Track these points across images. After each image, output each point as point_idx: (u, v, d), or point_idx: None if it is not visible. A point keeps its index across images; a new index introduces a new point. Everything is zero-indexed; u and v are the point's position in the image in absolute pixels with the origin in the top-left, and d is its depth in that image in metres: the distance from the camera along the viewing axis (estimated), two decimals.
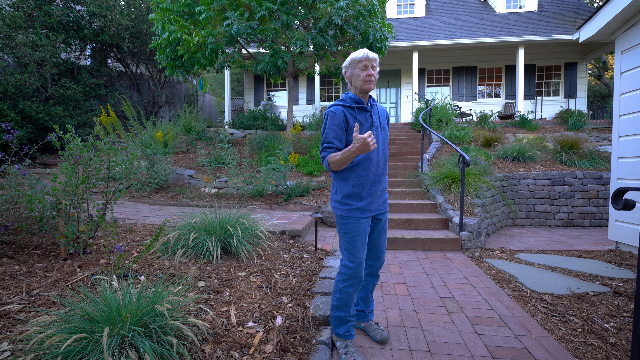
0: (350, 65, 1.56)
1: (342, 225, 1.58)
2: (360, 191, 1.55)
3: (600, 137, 7.64)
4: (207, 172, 6.24)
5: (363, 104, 1.56)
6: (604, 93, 17.30)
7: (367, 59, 1.51)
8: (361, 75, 1.53)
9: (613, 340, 1.75)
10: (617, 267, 2.91)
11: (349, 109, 1.55)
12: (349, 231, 1.56)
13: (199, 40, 5.64)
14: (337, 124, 1.52)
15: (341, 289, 1.59)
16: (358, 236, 1.56)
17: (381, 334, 1.73)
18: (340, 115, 1.52)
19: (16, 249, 2.38)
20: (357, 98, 1.56)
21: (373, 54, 1.54)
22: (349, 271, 1.57)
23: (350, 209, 1.56)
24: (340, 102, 1.57)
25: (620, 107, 3.38)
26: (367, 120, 1.57)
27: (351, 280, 1.57)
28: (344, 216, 1.57)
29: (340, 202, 1.58)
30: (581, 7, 11.19)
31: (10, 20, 6.69)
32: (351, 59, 1.55)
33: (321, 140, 1.58)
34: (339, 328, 1.62)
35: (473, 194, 4.34)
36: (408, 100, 10.83)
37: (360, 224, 1.56)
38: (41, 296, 1.69)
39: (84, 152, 2.33)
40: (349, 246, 1.57)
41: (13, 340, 1.29)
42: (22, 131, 6.59)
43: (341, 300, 1.59)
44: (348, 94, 1.60)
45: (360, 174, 1.55)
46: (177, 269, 2.19)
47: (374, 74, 1.54)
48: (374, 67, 1.54)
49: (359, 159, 1.54)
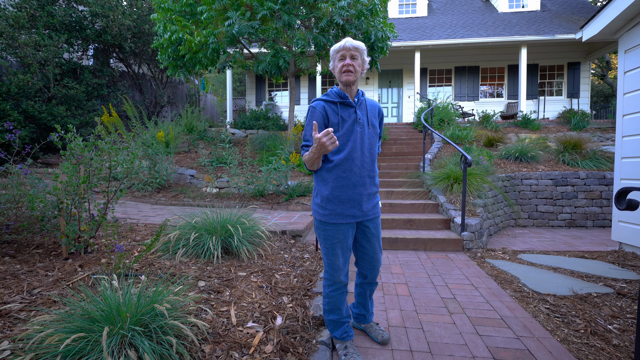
0: (332, 57, 1.46)
1: (322, 230, 1.48)
2: (340, 194, 1.43)
3: (603, 137, 7.59)
4: (209, 172, 6.25)
5: (347, 98, 1.45)
6: (608, 93, 17.19)
7: (344, 48, 1.39)
8: (338, 66, 1.42)
9: (616, 341, 1.73)
10: (620, 268, 2.88)
11: (331, 104, 1.45)
12: (329, 237, 1.46)
13: (201, 40, 5.65)
14: (316, 119, 1.42)
15: (327, 293, 1.55)
16: (338, 243, 1.46)
17: (382, 334, 1.69)
18: (320, 110, 1.43)
19: (18, 248, 2.39)
20: (341, 92, 1.46)
21: (352, 42, 1.40)
22: (330, 277, 1.52)
23: (330, 214, 1.44)
24: (323, 97, 1.47)
25: (624, 106, 3.36)
26: (351, 117, 1.44)
27: (334, 286, 1.53)
28: (322, 221, 1.47)
29: (320, 206, 1.47)
30: (584, 6, 11.13)
31: (14, 20, 6.73)
32: (332, 50, 1.45)
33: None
34: (335, 331, 1.59)
35: (475, 194, 4.32)
36: (410, 100, 10.81)
37: (340, 231, 1.45)
38: (42, 295, 1.70)
39: (85, 151, 2.34)
40: (328, 252, 1.48)
41: (13, 339, 1.30)
42: (25, 131, 6.63)
43: (330, 305, 1.56)
44: (334, 88, 1.50)
45: (340, 175, 1.42)
46: (177, 268, 2.19)
47: (353, 65, 1.39)
48: (354, 56, 1.40)
49: (339, 159, 1.41)
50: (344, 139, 1.43)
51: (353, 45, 1.40)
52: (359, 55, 1.42)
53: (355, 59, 1.41)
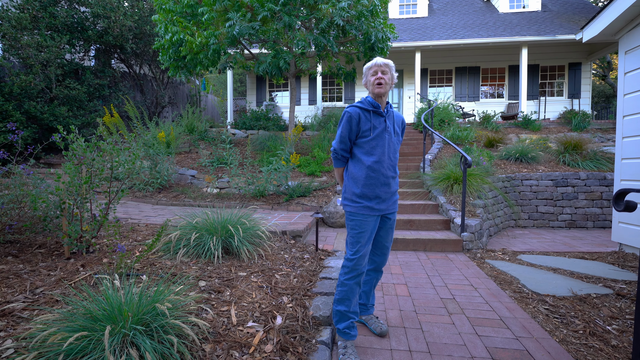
0: (365, 74, 1.70)
1: (350, 221, 1.68)
2: (369, 192, 1.65)
3: (604, 137, 7.58)
4: (209, 172, 6.27)
5: (379, 108, 1.66)
6: (609, 93, 17.15)
7: (376, 65, 1.64)
8: (371, 80, 1.65)
9: (615, 342, 1.74)
10: (620, 269, 2.88)
11: (365, 112, 1.65)
12: (356, 227, 1.66)
13: (202, 41, 5.67)
14: (351, 123, 1.64)
15: (342, 281, 1.67)
16: (364, 233, 1.65)
17: (380, 327, 1.81)
18: (356, 117, 1.63)
19: (20, 247, 2.41)
20: (374, 102, 1.66)
21: (382, 60, 1.65)
22: (349, 264, 1.66)
23: (359, 207, 1.66)
24: (358, 104, 1.67)
25: (624, 107, 3.36)
26: (381, 125, 1.66)
27: (352, 273, 1.65)
28: (352, 212, 1.67)
29: (350, 200, 1.69)
30: (585, 6, 11.11)
31: (16, 21, 6.76)
32: (365, 67, 1.70)
33: (336, 134, 1.72)
34: (340, 323, 1.65)
35: (475, 195, 4.32)
36: (410, 100, 10.81)
37: (367, 222, 1.65)
38: (44, 295, 1.71)
39: (87, 152, 2.35)
40: (353, 241, 1.66)
41: (17, 338, 1.31)
42: (27, 131, 6.66)
43: (342, 293, 1.66)
44: (367, 97, 1.70)
45: (370, 175, 1.64)
46: (178, 268, 2.20)
47: (384, 78, 1.62)
48: (385, 71, 1.64)
49: (371, 161, 1.64)
50: (374, 144, 1.64)
51: (384, 62, 1.64)
52: (389, 70, 1.65)
53: (386, 74, 1.64)
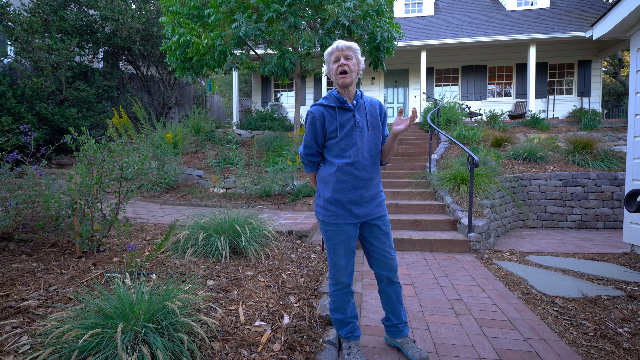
0: (326, 62, 1.43)
1: (324, 231, 1.51)
2: (340, 196, 1.43)
3: (615, 136, 7.44)
4: (216, 172, 6.33)
5: (346, 103, 1.43)
6: (620, 91, 16.81)
7: (337, 49, 1.37)
8: (333, 68, 1.40)
9: (627, 345, 1.71)
10: (632, 271, 2.83)
11: (330, 109, 1.43)
12: (331, 237, 1.48)
13: (208, 43, 5.73)
14: (315, 125, 1.43)
15: (332, 292, 1.58)
16: (340, 243, 1.47)
17: (420, 353, 1.51)
18: (320, 118, 1.42)
19: (34, 246, 2.47)
20: (339, 97, 1.43)
21: (344, 43, 1.37)
22: (333, 276, 1.54)
23: (331, 215, 1.46)
24: (322, 101, 1.46)
25: (636, 105, 3.30)
26: (350, 122, 1.42)
27: (337, 286, 1.54)
28: (325, 222, 1.48)
29: (322, 207, 1.49)
30: (595, 3, 10.91)
31: (28, 25, 6.91)
32: (325, 54, 1.43)
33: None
34: (340, 330, 1.60)
35: (482, 195, 4.28)
36: (416, 100, 10.75)
37: (342, 231, 1.46)
38: (58, 292, 1.75)
39: (97, 153, 2.40)
40: (330, 253, 1.51)
41: (32, 335, 1.35)
42: (39, 133, 6.80)
43: (335, 304, 1.58)
44: (332, 91, 1.47)
45: (341, 178, 1.42)
46: (187, 267, 2.23)
47: (348, 65, 1.36)
48: (348, 56, 1.37)
49: (340, 163, 1.41)
50: (344, 145, 1.43)
51: (345, 45, 1.37)
52: (353, 54, 1.39)
53: (350, 59, 1.39)
